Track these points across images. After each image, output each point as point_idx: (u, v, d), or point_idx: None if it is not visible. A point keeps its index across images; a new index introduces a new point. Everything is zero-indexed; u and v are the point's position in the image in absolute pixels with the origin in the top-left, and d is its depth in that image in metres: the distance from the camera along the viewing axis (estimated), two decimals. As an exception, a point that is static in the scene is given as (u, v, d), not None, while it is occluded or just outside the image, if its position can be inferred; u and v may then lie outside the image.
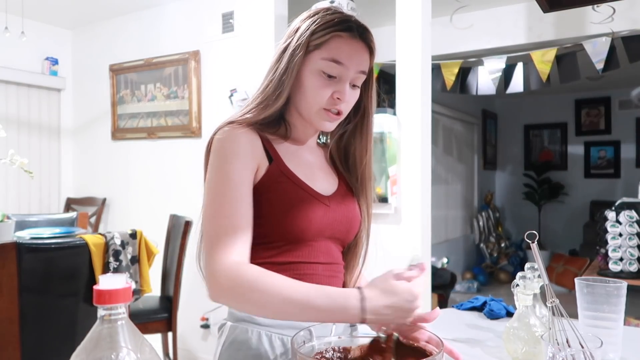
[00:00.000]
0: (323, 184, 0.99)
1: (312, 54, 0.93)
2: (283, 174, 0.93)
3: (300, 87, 0.94)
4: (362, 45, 0.95)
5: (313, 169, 1.00)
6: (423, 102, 2.48)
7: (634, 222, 2.49)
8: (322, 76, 0.92)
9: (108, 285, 0.48)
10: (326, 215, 0.95)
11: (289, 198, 0.92)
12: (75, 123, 4.15)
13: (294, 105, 0.98)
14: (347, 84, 0.93)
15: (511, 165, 6.99)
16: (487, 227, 6.12)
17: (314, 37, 0.92)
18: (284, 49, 0.95)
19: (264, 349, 0.91)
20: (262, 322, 0.92)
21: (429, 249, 2.55)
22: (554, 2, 1.20)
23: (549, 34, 3.30)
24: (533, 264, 1.00)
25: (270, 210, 0.91)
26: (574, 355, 0.71)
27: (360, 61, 0.94)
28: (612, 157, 6.34)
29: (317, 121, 0.96)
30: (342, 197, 1.01)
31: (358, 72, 0.94)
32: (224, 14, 3.22)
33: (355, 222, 1.03)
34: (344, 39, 0.93)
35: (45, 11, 3.73)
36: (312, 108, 0.94)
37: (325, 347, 0.77)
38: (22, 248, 2.03)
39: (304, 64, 0.93)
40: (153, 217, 3.45)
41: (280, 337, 0.92)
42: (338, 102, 0.93)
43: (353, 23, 0.95)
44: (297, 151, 1.00)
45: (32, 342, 2.08)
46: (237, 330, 0.94)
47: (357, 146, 1.04)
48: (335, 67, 0.92)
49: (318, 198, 0.95)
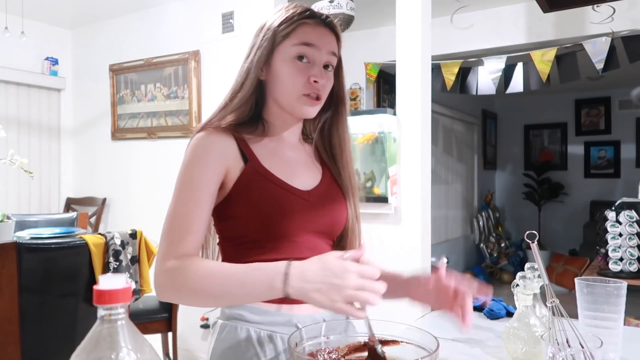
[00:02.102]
0: (303, 179, 1.00)
1: (282, 45, 0.96)
2: (258, 173, 0.95)
3: (276, 78, 0.97)
4: (327, 30, 0.99)
5: (293, 165, 1.01)
6: (423, 102, 2.48)
7: (634, 222, 2.49)
8: (295, 62, 0.96)
9: (108, 285, 0.48)
10: (305, 210, 0.97)
11: (266, 196, 0.94)
12: (75, 123, 4.15)
13: (273, 99, 1.00)
14: (321, 67, 0.97)
15: (511, 165, 6.99)
16: (487, 227, 6.12)
17: (281, 28, 0.96)
18: (251, 47, 1.00)
19: (253, 345, 0.92)
20: (252, 319, 0.93)
21: (429, 249, 2.55)
22: (554, 2, 1.20)
23: (549, 34, 3.30)
24: (533, 264, 1.01)
25: (249, 209, 0.93)
26: (574, 355, 0.71)
27: (329, 42, 0.98)
28: (612, 157, 6.34)
29: (298, 108, 0.98)
30: (326, 189, 1.02)
31: (329, 52, 0.98)
32: (224, 14, 3.22)
33: (342, 214, 1.03)
34: (310, 25, 0.97)
35: (45, 11, 3.73)
36: (292, 95, 0.97)
37: (323, 347, 0.77)
38: (22, 248, 2.03)
39: (275, 56, 0.97)
40: (153, 217, 3.43)
41: (269, 334, 0.93)
42: (316, 85, 0.96)
43: (316, 12, 0.99)
44: (276, 148, 1.01)
45: (32, 342, 2.08)
46: (227, 327, 0.95)
47: (337, 134, 1.07)
48: (307, 49, 0.96)
49: (296, 193, 0.96)
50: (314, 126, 1.08)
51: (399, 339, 0.78)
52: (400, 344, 0.77)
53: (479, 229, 6.05)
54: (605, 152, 6.39)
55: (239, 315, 0.95)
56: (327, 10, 2.61)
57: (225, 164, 0.94)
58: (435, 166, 4.99)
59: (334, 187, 1.04)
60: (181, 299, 0.88)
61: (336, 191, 1.04)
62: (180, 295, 0.86)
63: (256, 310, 0.94)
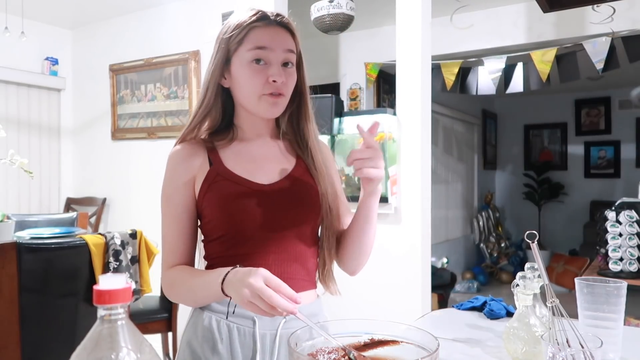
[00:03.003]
0: (269, 174, 1.03)
1: (237, 52, 0.99)
2: (219, 174, 1.00)
3: (237, 84, 1.01)
4: (280, 29, 1.00)
5: (259, 161, 1.04)
6: (423, 102, 2.48)
7: (634, 222, 2.49)
8: (252, 65, 0.98)
9: (108, 285, 0.48)
10: (263, 203, 0.99)
11: (225, 194, 0.99)
12: (75, 123, 4.15)
13: (239, 103, 1.04)
14: (278, 66, 0.98)
15: (511, 165, 6.99)
16: (487, 227, 6.12)
17: (233, 36, 0.99)
18: (211, 56, 1.03)
19: (213, 331, 1.00)
20: (215, 308, 1.01)
21: (429, 249, 2.55)
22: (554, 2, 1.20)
23: (549, 34, 3.30)
24: (533, 264, 1.00)
25: (213, 209, 0.99)
26: (574, 355, 0.71)
27: (283, 41, 0.99)
28: (612, 157, 6.34)
29: (262, 109, 1.01)
30: (295, 180, 1.04)
31: (285, 51, 0.99)
32: (224, 14, 3.22)
33: (310, 204, 1.04)
34: (261, 28, 0.99)
35: (45, 11, 3.73)
36: (252, 97, 0.99)
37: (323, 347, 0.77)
38: (22, 248, 2.03)
39: (233, 63, 1.00)
40: (153, 217, 3.43)
41: (227, 324, 0.99)
42: (274, 84, 0.98)
43: (265, 13, 1.00)
44: (243, 149, 1.05)
45: (32, 342, 2.08)
46: (196, 313, 1.04)
47: (303, 125, 1.09)
48: (261, 52, 0.98)
49: (254, 188, 1.00)
50: (282, 118, 1.10)
51: (399, 339, 0.78)
52: (400, 344, 0.77)
53: (479, 229, 6.05)
54: (605, 152, 6.39)
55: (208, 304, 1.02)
56: (326, 11, 2.60)
57: (191, 174, 1.02)
58: (435, 166, 4.99)
59: (305, 179, 1.06)
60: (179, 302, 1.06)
61: (307, 182, 1.06)
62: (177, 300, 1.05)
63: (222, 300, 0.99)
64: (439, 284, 4.18)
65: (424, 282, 2.48)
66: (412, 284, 2.45)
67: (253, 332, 0.99)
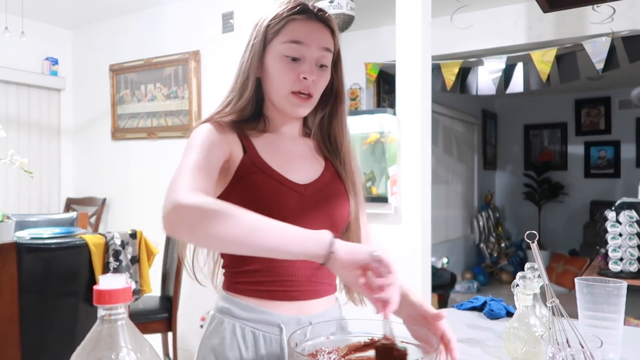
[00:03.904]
0: (301, 173, 0.99)
1: (272, 42, 0.96)
2: (255, 164, 0.95)
3: (268, 76, 0.97)
4: (320, 25, 0.97)
5: (291, 158, 1.01)
6: (423, 102, 2.48)
7: (634, 222, 2.49)
8: (285, 60, 0.94)
9: (108, 285, 0.48)
10: (300, 203, 0.95)
11: (260, 187, 0.93)
12: (75, 123, 4.15)
13: (268, 97, 1.00)
14: (311, 64, 0.95)
15: (511, 165, 6.99)
16: (487, 227, 6.12)
17: (271, 25, 0.96)
18: (247, 45, 0.99)
19: (236, 339, 0.94)
20: (238, 314, 0.95)
21: (429, 249, 2.55)
22: (554, 2, 1.20)
23: (549, 34, 3.30)
24: (533, 264, 1.00)
25: (244, 200, 0.90)
26: (574, 355, 0.71)
27: (320, 38, 0.96)
28: (612, 157, 6.34)
29: (288, 107, 0.97)
30: (326, 183, 1.01)
31: (321, 49, 0.95)
32: (224, 14, 3.22)
33: (343, 209, 1.02)
34: (300, 21, 0.95)
35: (45, 11, 3.73)
36: (281, 93, 0.96)
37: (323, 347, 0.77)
38: (22, 248, 2.03)
39: (267, 53, 0.96)
40: (153, 217, 3.43)
41: (252, 331, 0.94)
42: (305, 82, 0.94)
43: (308, 7, 0.97)
44: (275, 142, 1.01)
45: (32, 342, 2.08)
46: (217, 320, 0.97)
47: (336, 128, 1.06)
48: (296, 47, 0.94)
49: (290, 187, 0.96)
50: (313, 121, 1.07)
51: (400, 339, 0.78)
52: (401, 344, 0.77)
53: (479, 229, 6.05)
54: (605, 152, 6.38)
55: (227, 309, 0.96)
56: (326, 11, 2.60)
57: (229, 146, 0.94)
58: (435, 166, 4.98)
59: (335, 182, 1.03)
60: (198, 236, 0.77)
61: (338, 186, 1.03)
62: (197, 229, 0.75)
63: (244, 306, 0.95)
64: (439, 284, 4.18)
65: (424, 282, 2.48)
66: (412, 284, 2.45)
67: (280, 340, 0.94)
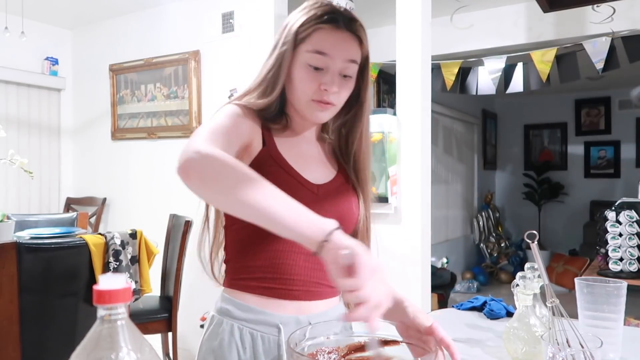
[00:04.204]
0: (315, 174, 1.00)
1: (299, 48, 0.94)
2: (272, 158, 0.95)
3: (291, 81, 0.96)
4: (348, 35, 0.95)
5: (307, 159, 1.01)
6: (423, 102, 2.48)
7: (634, 222, 2.49)
8: (308, 68, 0.93)
9: (108, 285, 0.48)
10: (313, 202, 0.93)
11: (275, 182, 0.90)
12: (75, 123, 4.15)
13: (289, 99, 1.00)
14: (334, 75, 0.94)
15: (511, 165, 6.99)
16: (487, 227, 6.12)
17: (300, 31, 0.94)
18: (275, 45, 0.98)
19: (235, 341, 0.94)
20: (237, 315, 0.95)
21: (429, 249, 2.55)
22: (554, 2, 1.21)
23: (549, 34, 3.30)
24: (533, 264, 1.00)
25: None
26: (574, 355, 0.71)
27: (346, 50, 0.94)
28: (612, 157, 6.34)
29: (308, 113, 0.97)
30: (337, 188, 1.01)
31: (346, 61, 0.94)
32: (224, 14, 3.22)
33: (350, 214, 1.02)
34: (327, 31, 0.93)
35: (45, 11, 3.73)
36: (301, 100, 0.96)
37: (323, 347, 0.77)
38: (22, 248, 2.03)
39: (293, 58, 0.95)
40: (153, 217, 3.45)
41: (250, 332, 0.94)
42: (325, 93, 0.94)
43: (338, 15, 0.95)
44: (294, 141, 1.01)
45: (32, 342, 2.08)
46: (216, 321, 0.97)
47: (355, 136, 1.05)
48: (320, 58, 0.93)
49: (304, 185, 0.96)
50: (333, 126, 1.07)
51: (399, 338, 0.78)
52: (401, 344, 0.77)
53: (479, 229, 6.05)
54: (605, 152, 6.39)
55: (226, 310, 0.97)
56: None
57: (252, 133, 0.94)
58: (435, 166, 4.99)
59: (346, 187, 1.03)
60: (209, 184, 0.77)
61: (348, 191, 1.03)
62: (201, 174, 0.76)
63: (243, 306, 0.95)
64: (439, 284, 4.18)
65: (424, 282, 2.48)
66: (412, 284, 2.45)
67: (278, 340, 0.94)
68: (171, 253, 2.81)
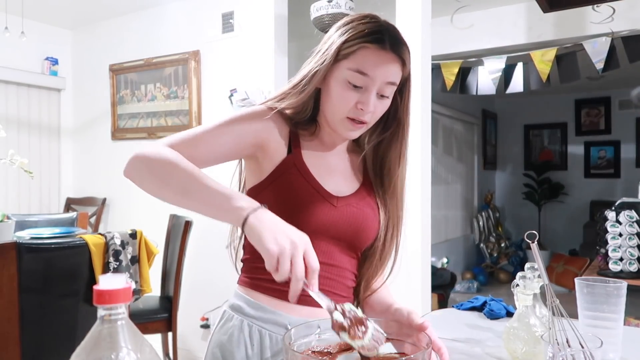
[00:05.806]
0: (337, 186, 1.00)
1: (340, 63, 0.93)
2: (295, 166, 0.96)
3: (328, 94, 0.96)
4: (391, 56, 0.94)
5: (332, 171, 1.01)
6: (423, 102, 2.48)
7: (634, 222, 2.49)
8: (347, 85, 0.93)
9: (108, 285, 0.48)
10: (330, 214, 0.95)
11: (295, 190, 0.94)
12: (75, 123, 4.15)
13: (323, 111, 1.00)
14: (372, 95, 0.93)
15: (511, 165, 6.99)
16: (487, 227, 6.12)
17: (344, 47, 0.93)
18: (316, 54, 0.98)
19: (243, 337, 0.96)
20: (247, 312, 0.97)
21: (428, 249, 2.55)
22: (554, 2, 1.21)
23: (549, 34, 3.30)
24: (533, 264, 1.00)
25: (276, 198, 0.93)
26: (574, 355, 0.71)
27: (387, 72, 0.94)
28: (612, 157, 6.34)
29: (340, 129, 0.97)
30: (358, 201, 1.00)
31: (385, 83, 0.94)
32: (224, 14, 3.22)
33: (368, 228, 1.01)
34: (371, 50, 0.92)
35: (45, 11, 3.73)
36: (336, 116, 0.96)
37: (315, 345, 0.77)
38: (22, 248, 2.03)
39: (332, 72, 0.94)
40: (153, 217, 3.45)
41: (259, 329, 0.96)
42: (361, 113, 0.94)
43: (385, 34, 0.94)
44: (320, 150, 1.02)
45: (32, 342, 2.08)
46: (227, 316, 1.00)
47: (392, 156, 1.05)
48: (360, 77, 0.92)
49: (324, 195, 0.96)
50: (369, 140, 1.06)
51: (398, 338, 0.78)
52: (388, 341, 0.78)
53: (479, 229, 6.05)
54: (605, 152, 6.39)
55: (238, 306, 0.99)
56: (325, 10, 2.60)
57: (269, 137, 0.96)
58: (435, 166, 4.99)
59: (368, 201, 1.02)
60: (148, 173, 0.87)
61: (370, 206, 1.02)
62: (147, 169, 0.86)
63: (255, 305, 0.97)
64: (439, 284, 4.18)
65: (424, 282, 2.48)
66: (412, 284, 2.45)
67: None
68: (171, 253, 2.81)
